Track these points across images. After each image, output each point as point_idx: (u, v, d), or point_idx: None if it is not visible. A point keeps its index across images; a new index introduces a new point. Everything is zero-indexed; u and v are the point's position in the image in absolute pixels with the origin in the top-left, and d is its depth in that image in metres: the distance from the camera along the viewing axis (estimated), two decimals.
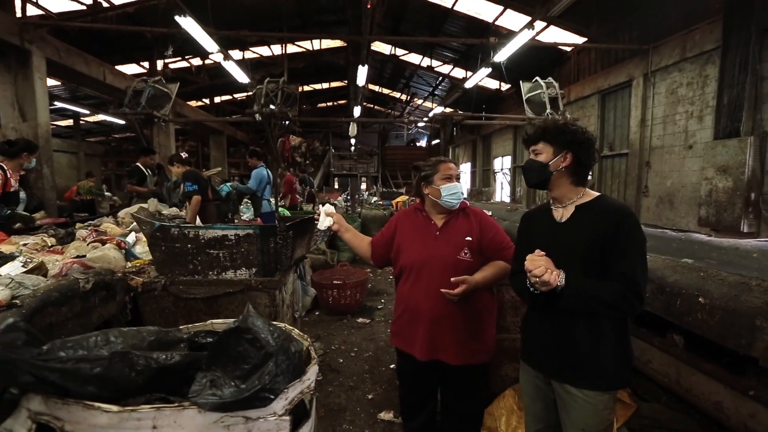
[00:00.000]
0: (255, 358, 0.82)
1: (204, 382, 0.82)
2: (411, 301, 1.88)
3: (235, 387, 0.80)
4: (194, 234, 2.20)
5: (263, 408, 0.81)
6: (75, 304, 1.92)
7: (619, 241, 1.32)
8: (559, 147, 1.43)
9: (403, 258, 1.92)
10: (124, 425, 0.76)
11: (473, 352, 1.88)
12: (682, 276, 2.16)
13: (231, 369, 0.82)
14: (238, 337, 0.84)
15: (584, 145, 1.44)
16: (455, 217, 1.93)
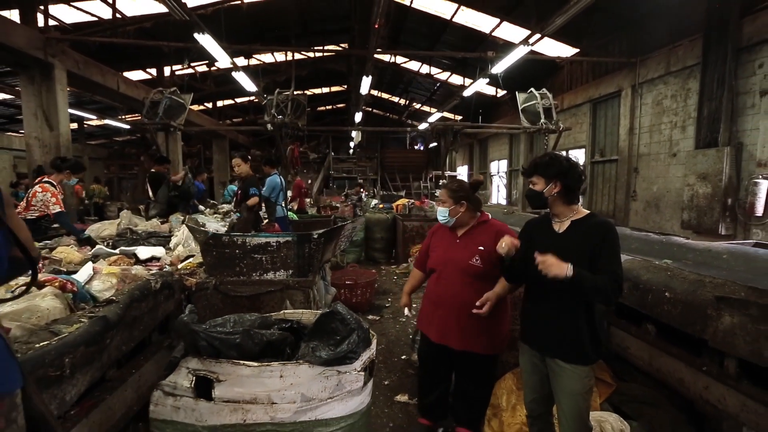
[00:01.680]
0: (343, 332, 1.21)
1: (307, 348, 1.21)
2: (433, 292, 2.32)
3: (331, 351, 1.19)
4: (242, 241, 2.58)
5: (349, 365, 1.20)
6: (149, 300, 2.31)
7: (604, 249, 1.75)
8: (548, 178, 1.84)
9: (430, 260, 2.39)
10: (261, 375, 1.14)
11: (476, 342, 2.24)
12: (653, 275, 2.58)
13: (326, 339, 1.21)
14: (331, 318, 1.23)
15: (569, 172, 1.85)
16: (474, 228, 2.33)
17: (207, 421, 1.16)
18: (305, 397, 1.15)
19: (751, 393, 1.87)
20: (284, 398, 1.14)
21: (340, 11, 10.24)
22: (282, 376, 1.14)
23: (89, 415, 1.82)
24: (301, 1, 8.78)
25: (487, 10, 8.57)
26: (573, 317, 1.79)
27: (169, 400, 1.20)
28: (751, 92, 5.45)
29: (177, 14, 4.98)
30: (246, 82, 8.57)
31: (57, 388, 1.56)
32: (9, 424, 1.11)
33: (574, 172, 1.87)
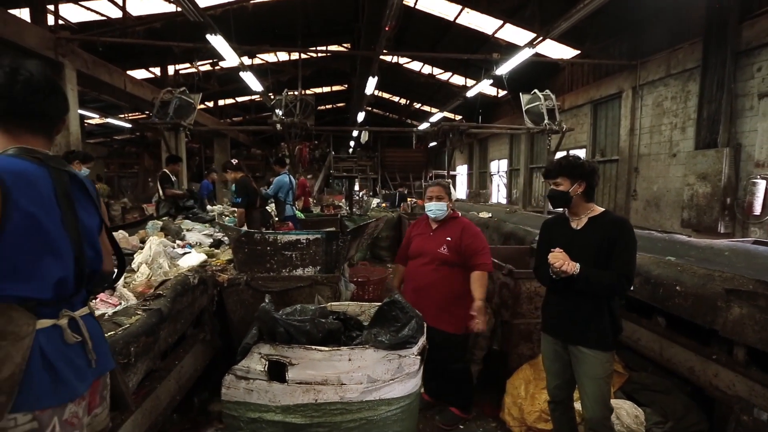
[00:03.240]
0: (403, 320, 1.33)
1: (369, 335, 1.33)
2: (412, 278, 2.71)
3: (393, 336, 1.31)
4: (273, 238, 2.70)
5: (409, 349, 1.32)
6: (189, 295, 2.42)
7: (619, 244, 1.87)
8: (574, 178, 1.98)
9: (411, 249, 2.79)
10: (332, 358, 1.26)
11: (442, 320, 2.54)
12: (664, 270, 2.72)
13: (387, 326, 1.33)
14: (392, 307, 1.36)
15: (592, 173, 2.01)
16: (445, 223, 2.70)
17: (280, 401, 1.28)
18: (371, 379, 1.27)
19: (760, 378, 2.02)
20: (352, 379, 1.27)
21: (344, 12, 10.34)
22: (350, 360, 1.26)
23: (143, 404, 1.94)
24: (305, 2, 8.87)
25: (491, 12, 8.71)
26: (595, 308, 1.92)
27: (241, 383, 1.31)
28: (750, 95, 5.62)
29: (192, 16, 5.06)
30: (253, 81, 8.65)
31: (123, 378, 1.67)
32: (101, 401, 1.23)
33: (595, 173, 2.03)
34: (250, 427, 1.30)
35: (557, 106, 7.11)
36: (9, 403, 0.93)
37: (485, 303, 2.63)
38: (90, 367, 1.13)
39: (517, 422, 2.64)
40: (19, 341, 0.95)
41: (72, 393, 1.05)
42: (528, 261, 4.04)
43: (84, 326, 1.12)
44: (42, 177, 1.05)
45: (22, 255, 0.98)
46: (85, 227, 1.15)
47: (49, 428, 0.99)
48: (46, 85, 1.15)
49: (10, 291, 0.97)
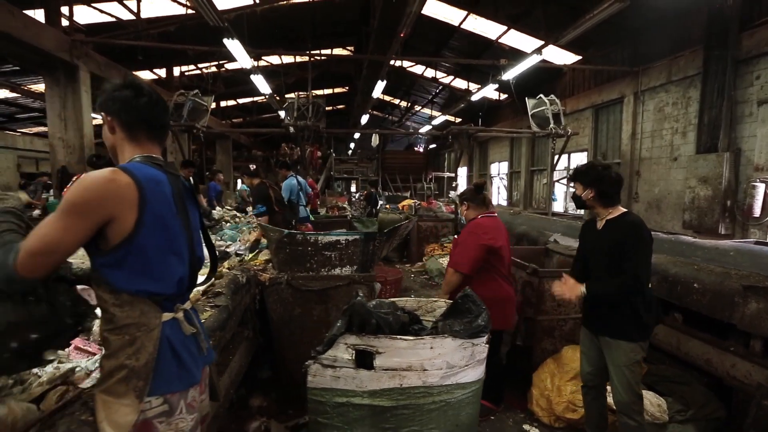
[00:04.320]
0: (475, 312, 1.48)
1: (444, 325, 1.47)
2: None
3: (467, 326, 1.46)
4: (314, 239, 2.83)
5: (480, 338, 1.47)
6: (240, 293, 2.55)
7: (627, 246, 2.01)
8: (585, 184, 2.15)
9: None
10: (415, 346, 1.40)
11: None
12: (681, 269, 2.91)
13: (460, 318, 1.48)
14: (466, 300, 1.51)
15: (603, 179, 2.13)
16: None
17: (367, 386, 1.42)
18: (449, 365, 1.41)
19: None
20: (433, 366, 1.41)
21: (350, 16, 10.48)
22: (432, 348, 1.41)
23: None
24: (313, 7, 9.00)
25: (496, 18, 8.91)
26: (615, 303, 2.07)
27: (328, 371, 1.45)
28: (749, 102, 5.87)
29: (212, 21, 5.17)
30: (262, 84, 8.76)
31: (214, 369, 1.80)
32: (205, 388, 1.36)
33: (608, 179, 2.14)
34: (336, 411, 1.43)
35: (563, 111, 7.32)
36: (146, 387, 1.05)
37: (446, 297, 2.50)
38: (201, 355, 1.25)
39: (546, 412, 2.79)
40: (150, 332, 1.08)
41: (193, 379, 1.17)
42: (543, 261, 4.21)
43: (194, 318, 1.25)
44: (164, 182, 1.16)
45: (153, 255, 1.09)
46: (195, 228, 1.28)
47: (177, 410, 1.12)
48: (164, 101, 1.29)
49: (143, 287, 1.08)
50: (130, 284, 1.06)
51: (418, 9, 5.10)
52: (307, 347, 2.73)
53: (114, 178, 1.03)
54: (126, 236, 1.03)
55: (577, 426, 2.66)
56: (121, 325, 1.05)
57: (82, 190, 1.00)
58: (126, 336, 1.05)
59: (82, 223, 0.99)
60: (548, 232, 5.01)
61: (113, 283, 1.05)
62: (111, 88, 1.18)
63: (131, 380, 1.03)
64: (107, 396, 1.04)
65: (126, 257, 1.05)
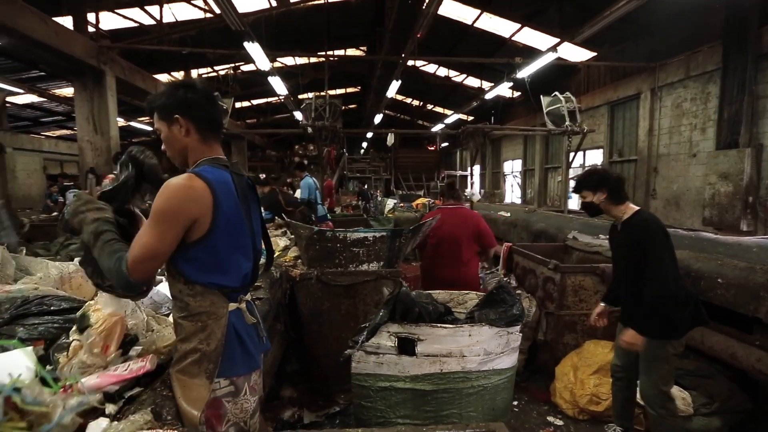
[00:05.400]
0: (510, 302, 1.57)
1: (481, 314, 1.56)
2: None
3: (503, 315, 1.55)
4: (343, 236, 2.93)
5: (515, 326, 1.56)
6: (274, 287, 2.67)
7: (644, 249, 2.04)
8: (593, 189, 2.20)
9: None
10: (455, 334, 1.49)
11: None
12: (704, 264, 2.93)
13: (496, 307, 1.57)
14: (501, 291, 1.60)
15: (608, 179, 2.21)
16: None
17: (409, 371, 1.51)
18: (486, 351, 1.50)
19: None
20: (472, 352, 1.50)
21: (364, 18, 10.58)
22: (470, 335, 1.50)
23: None
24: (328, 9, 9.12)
25: (510, 16, 8.91)
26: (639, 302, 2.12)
27: (371, 358, 1.55)
28: None
29: (234, 25, 5.32)
30: (279, 85, 8.92)
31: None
32: (260, 374, 1.46)
33: (611, 178, 2.23)
34: (379, 395, 1.53)
35: (578, 108, 7.31)
36: (216, 369, 1.16)
37: None
38: (262, 343, 1.36)
39: (570, 405, 2.86)
40: (219, 320, 1.19)
41: (255, 364, 1.28)
42: (563, 257, 4.25)
43: (254, 309, 1.35)
44: (230, 183, 1.22)
45: (223, 252, 1.19)
46: (256, 223, 1.36)
47: (242, 392, 1.22)
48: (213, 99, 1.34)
49: (214, 280, 1.19)
50: (202, 277, 1.16)
51: (435, 9, 5.16)
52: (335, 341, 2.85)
53: (192, 185, 1.11)
54: (202, 235, 1.13)
55: (601, 418, 2.72)
56: (195, 313, 1.16)
57: (165, 200, 1.10)
58: (199, 323, 1.15)
59: (172, 229, 1.09)
60: (566, 229, 5.04)
61: (188, 276, 1.16)
62: (178, 90, 1.22)
63: (203, 363, 1.14)
64: (182, 376, 1.15)
65: (200, 253, 1.15)
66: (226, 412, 1.16)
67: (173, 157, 1.28)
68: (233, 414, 1.18)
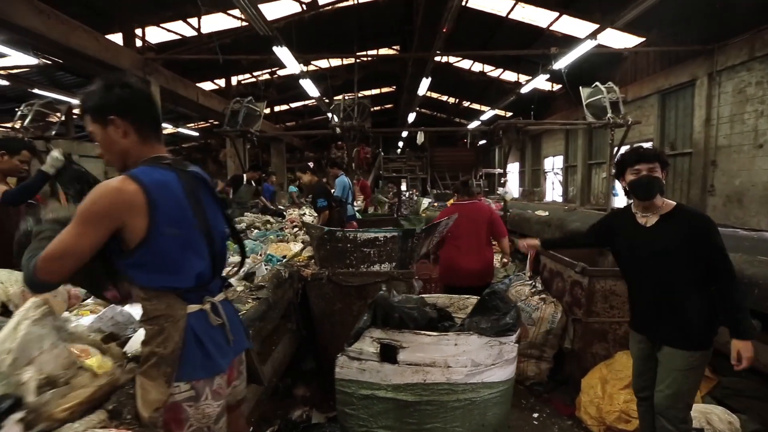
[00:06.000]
0: (503, 309, 1.45)
1: (471, 322, 1.45)
2: None
3: (494, 324, 1.43)
4: (353, 236, 2.89)
5: (509, 337, 1.43)
6: (282, 287, 2.68)
7: (712, 246, 1.77)
8: (663, 166, 1.92)
9: None
10: (439, 342, 1.40)
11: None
12: (759, 269, 2.58)
13: (487, 315, 1.45)
14: (493, 297, 1.47)
15: (668, 164, 1.95)
16: None
17: (391, 380, 1.44)
18: (474, 362, 1.39)
19: None
20: (458, 362, 1.39)
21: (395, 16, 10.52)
22: (456, 344, 1.39)
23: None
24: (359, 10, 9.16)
25: (545, 5, 8.46)
26: (674, 303, 1.85)
27: (354, 363, 1.49)
28: None
29: (262, 30, 5.47)
30: (311, 88, 9.09)
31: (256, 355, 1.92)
32: (239, 375, 1.43)
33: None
34: (362, 403, 1.47)
35: (621, 98, 6.76)
36: (174, 373, 1.13)
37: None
38: (229, 345, 1.29)
39: (596, 421, 2.62)
40: (176, 323, 1.15)
41: (217, 367, 1.22)
42: (597, 260, 3.94)
43: (222, 310, 1.29)
44: (173, 182, 1.16)
45: (168, 254, 1.14)
46: (214, 220, 1.28)
47: (203, 396, 1.18)
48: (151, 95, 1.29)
49: (165, 283, 1.16)
50: (152, 281, 1.15)
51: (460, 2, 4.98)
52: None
53: (121, 188, 1.07)
54: (141, 240, 1.10)
55: None
56: (152, 317, 1.15)
57: (92, 201, 1.07)
58: (156, 326, 1.14)
59: (93, 231, 1.07)
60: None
61: (139, 281, 1.15)
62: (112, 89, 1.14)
63: (161, 366, 1.12)
64: (143, 378, 1.14)
65: (145, 257, 1.12)
66: (187, 417, 1.15)
67: (111, 162, 1.20)
68: (195, 419, 1.16)
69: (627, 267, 2.05)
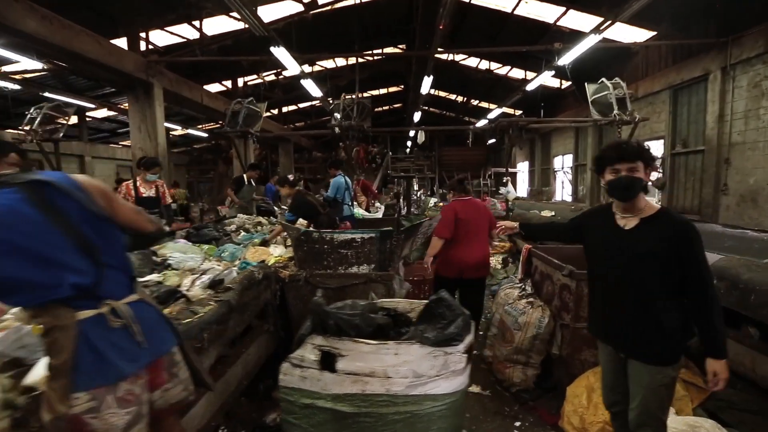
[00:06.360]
0: (449, 317, 1.37)
1: (416, 330, 1.38)
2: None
3: (439, 333, 1.35)
4: (330, 237, 2.84)
5: (455, 346, 1.35)
6: (254, 289, 2.64)
7: (692, 257, 1.62)
8: (647, 164, 1.73)
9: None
10: (379, 352, 1.33)
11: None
12: (756, 274, 2.42)
13: (434, 323, 1.37)
14: (439, 304, 1.39)
15: (653, 160, 1.77)
16: None
17: (330, 390, 1.38)
18: (416, 374, 1.32)
19: None
20: (398, 373, 1.32)
21: (399, 14, 10.43)
22: (397, 354, 1.32)
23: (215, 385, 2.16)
24: (361, 8, 9.10)
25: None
26: (647, 315, 1.72)
27: (296, 371, 1.43)
28: None
29: (257, 31, 5.47)
30: (312, 88, 9.09)
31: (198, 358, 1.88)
32: (171, 377, 1.36)
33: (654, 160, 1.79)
34: (303, 412, 1.41)
35: (629, 94, 6.52)
36: (69, 383, 1.09)
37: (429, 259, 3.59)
38: (141, 348, 1.23)
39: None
40: (67, 331, 1.11)
41: (119, 373, 1.17)
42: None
43: (129, 312, 1.22)
44: (15, 201, 1.10)
45: (23, 272, 1.09)
46: (81, 222, 1.19)
47: (104, 405, 1.13)
48: None
49: (38, 299, 1.12)
50: (12, 303, 1.16)
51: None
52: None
53: None
54: None
55: None
56: (46, 330, 1.12)
57: None
58: (49, 338, 1.11)
59: None
60: None
61: (17, 305, 1.16)
62: None
63: (57, 378, 1.09)
64: (46, 389, 1.12)
65: (3, 282, 1.09)
66: (92, 429, 1.11)
67: None
68: (101, 430, 1.12)
69: (597, 269, 1.90)
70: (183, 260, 2.82)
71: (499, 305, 3.39)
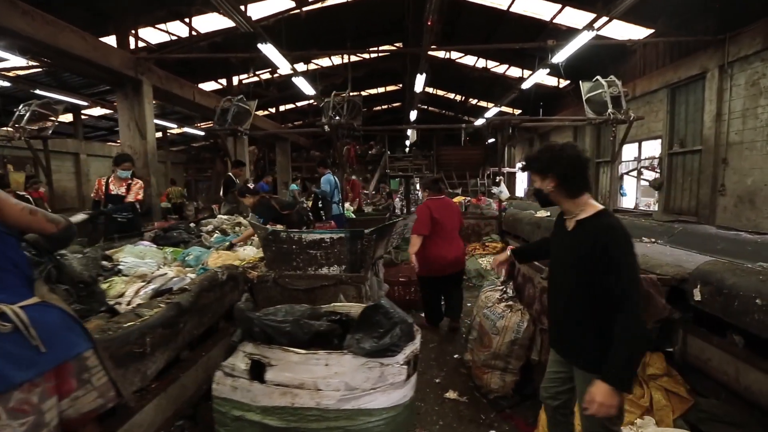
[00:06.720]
0: (386, 326, 1.26)
1: (352, 339, 1.27)
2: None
3: (374, 343, 1.24)
4: (298, 237, 2.73)
5: (392, 358, 1.24)
6: (216, 291, 2.53)
7: (611, 263, 1.47)
8: (542, 173, 1.66)
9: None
10: (308, 362, 1.22)
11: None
12: (740, 279, 2.29)
13: (370, 332, 1.26)
14: (375, 311, 1.28)
15: (560, 161, 1.62)
16: None
17: (260, 402, 1.27)
18: (349, 386, 1.21)
19: None
20: (329, 386, 1.22)
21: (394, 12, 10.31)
22: (327, 365, 1.22)
23: (167, 390, 2.05)
24: (355, 5, 8.99)
25: None
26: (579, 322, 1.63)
27: (228, 380, 1.33)
28: None
29: (243, 27, 5.38)
30: (305, 86, 8.99)
31: (140, 363, 1.77)
32: (81, 384, 1.24)
33: (566, 159, 1.62)
34: (234, 425, 1.31)
35: (624, 92, 6.38)
36: None
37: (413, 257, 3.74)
38: (39, 354, 1.13)
39: None
40: None
41: (8, 382, 1.07)
42: None
43: (22, 316, 1.14)
44: None
45: None
46: None
47: None
48: None
49: None
50: None
51: None
52: None
53: None
54: None
55: None
56: None
57: None
58: None
59: None
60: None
61: None
62: None
63: None
64: None
65: None
66: None
67: None
68: None
69: (549, 273, 1.86)
70: (136, 265, 2.61)
71: (479, 308, 3.28)
